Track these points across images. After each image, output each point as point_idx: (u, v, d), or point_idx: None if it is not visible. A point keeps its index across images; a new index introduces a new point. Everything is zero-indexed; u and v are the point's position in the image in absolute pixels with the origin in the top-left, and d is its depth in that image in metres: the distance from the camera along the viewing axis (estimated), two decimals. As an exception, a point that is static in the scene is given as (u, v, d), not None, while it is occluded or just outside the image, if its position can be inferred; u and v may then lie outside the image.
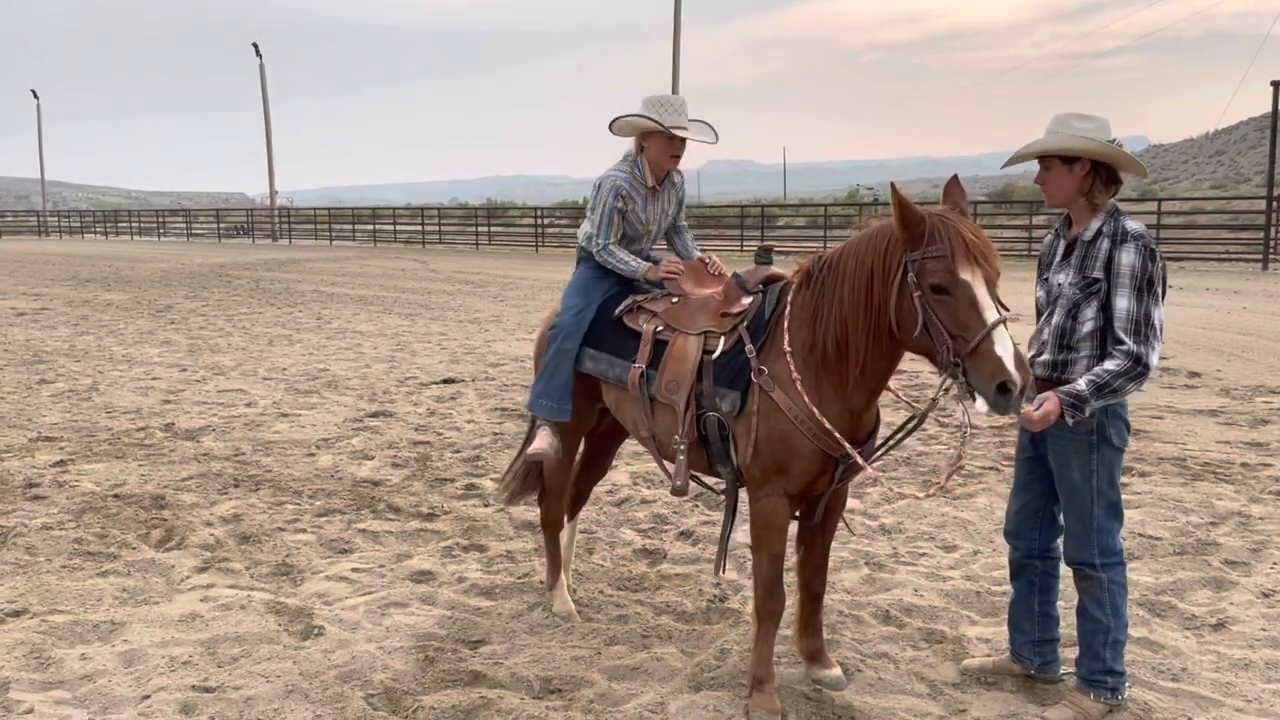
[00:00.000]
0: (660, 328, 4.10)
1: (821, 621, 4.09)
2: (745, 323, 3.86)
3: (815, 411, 3.55)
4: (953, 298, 3.21)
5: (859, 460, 3.59)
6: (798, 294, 3.74)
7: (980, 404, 3.20)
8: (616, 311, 4.29)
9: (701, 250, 4.64)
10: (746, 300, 3.94)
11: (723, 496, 4.08)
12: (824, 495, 3.85)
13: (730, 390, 3.77)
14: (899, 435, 3.89)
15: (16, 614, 4.64)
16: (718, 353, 3.85)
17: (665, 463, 4.12)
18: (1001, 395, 3.10)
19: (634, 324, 4.21)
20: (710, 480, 4.25)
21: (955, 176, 3.50)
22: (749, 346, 3.76)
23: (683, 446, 3.93)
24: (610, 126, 4.36)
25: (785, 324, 3.70)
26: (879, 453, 3.94)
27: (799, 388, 3.58)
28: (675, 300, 4.18)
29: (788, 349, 3.65)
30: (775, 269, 4.02)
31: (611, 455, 5.11)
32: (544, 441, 4.46)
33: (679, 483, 3.97)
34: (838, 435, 3.54)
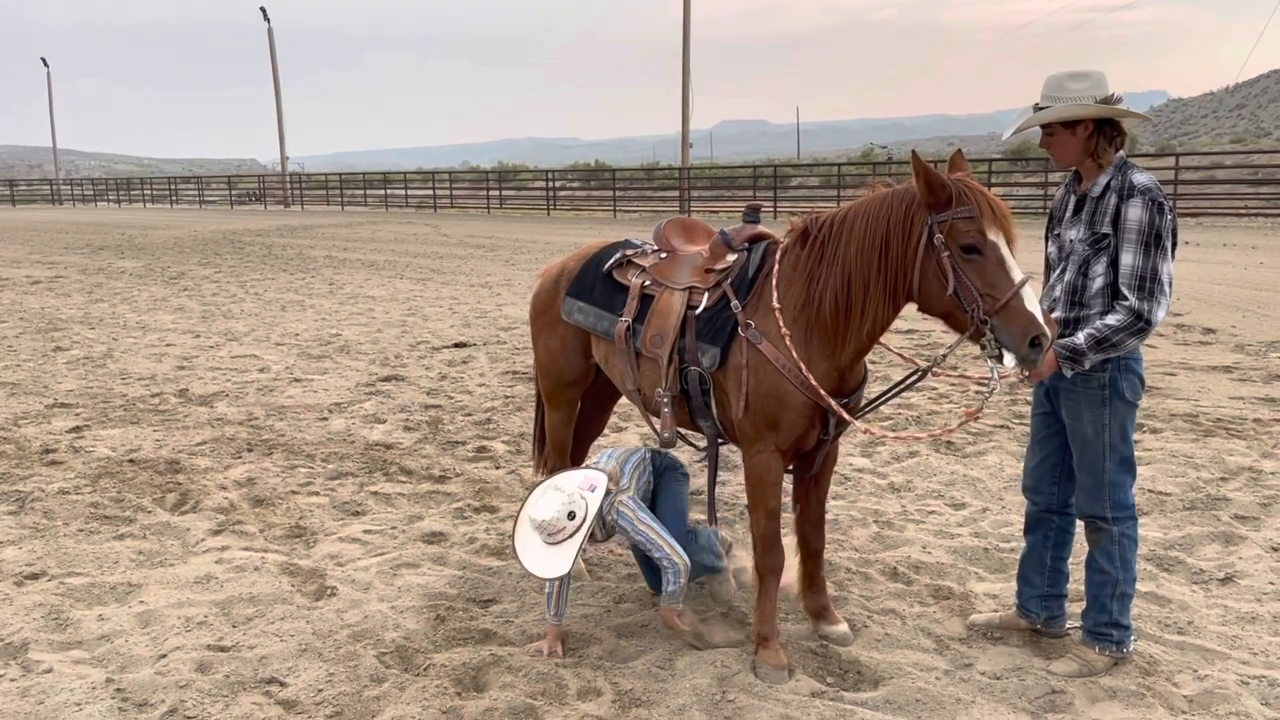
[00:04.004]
0: (647, 282, 4.14)
1: (825, 578, 4.13)
2: (729, 279, 3.89)
3: (803, 367, 3.58)
4: (983, 257, 3.29)
5: (844, 415, 3.63)
6: (789, 252, 3.76)
7: (1009, 360, 3.29)
8: (606, 266, 4.30)
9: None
10: (731, 257, 3.97)
11: (716, 454, 4.15)
12: (819, 449, 3.87)
13: (711, 345, 3.82)
14: (899, 388, 3.95)
15: (35, 576, 4.72)
16: (701, 308, 3.89)
17: (651, 417, 4.19)
18: (1033, 349, 3.22)
19: (623, 278, 4.24)
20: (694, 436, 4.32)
21: (959, 150, 3.60)
22: (734, 302, 3.80)
23: (666, 399, 3.99)
24: None
25: (773, 281, 3.73)
26: (875, 403, 4.01)
27: (788, 343, 3.61)
28: (664, 256, 4.21)
29: (776, 305, 3.68)
30: (761, 227, 4.05)
31: (608, 411, 5.16)
32: None
33: (666, 434, 4.05)
34: (822, 391, 3.58)
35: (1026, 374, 3.43)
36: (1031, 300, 3.24)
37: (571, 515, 3.76)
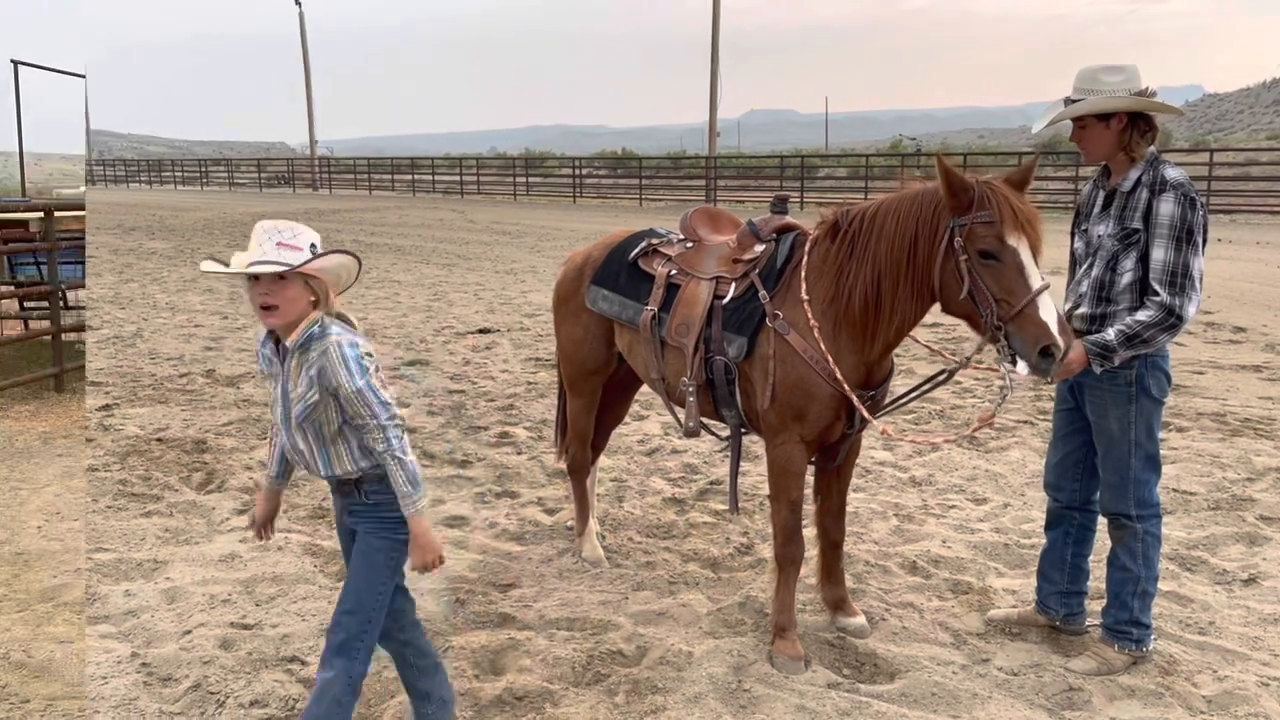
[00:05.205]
0: (673, 271, 4.12)
1: (843, 570, 4.13)
2: (757, 270, 3.87)
3: (830, 359, 3.57)
4: (1000, 263, 3.26)
5: (865, 414, 3.62)
6: (818, 245, 3.74)
7: (1021, 367, 3.27)
8: (632, 254, 4.30)
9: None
10: (759, 248, 3.96)
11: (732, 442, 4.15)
12: (843, 442, 3.87)
13: (737, 336, 3.80)
14: (925, 387, 3.92)
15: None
16: (728, 298, 3.88)
17: (674, 406, 4.19)
18: (1044, 359, 3.18)
19: (649, 267, 4.23)
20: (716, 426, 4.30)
21: (1036, 156, 3.63)
22: (762, 293, 3.78)
23: (691, 389, 3.98)
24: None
25: (802, 273, 3.71)
26: (900, 402, 3.98)
27: (816, 335, 3.60)
28: (690, 245, 4.20)
29: (805, 297, 3.66)
30: (789, 218, 4.03)
31: (629, 400, 5.16)
32: None
33: (690, 424, 4.05)
34: (846, 386, 3.57)
35: (1051, 379, 3.40)
36: (1047, 309, 3.20)
37: (314, 246, 3.02)
